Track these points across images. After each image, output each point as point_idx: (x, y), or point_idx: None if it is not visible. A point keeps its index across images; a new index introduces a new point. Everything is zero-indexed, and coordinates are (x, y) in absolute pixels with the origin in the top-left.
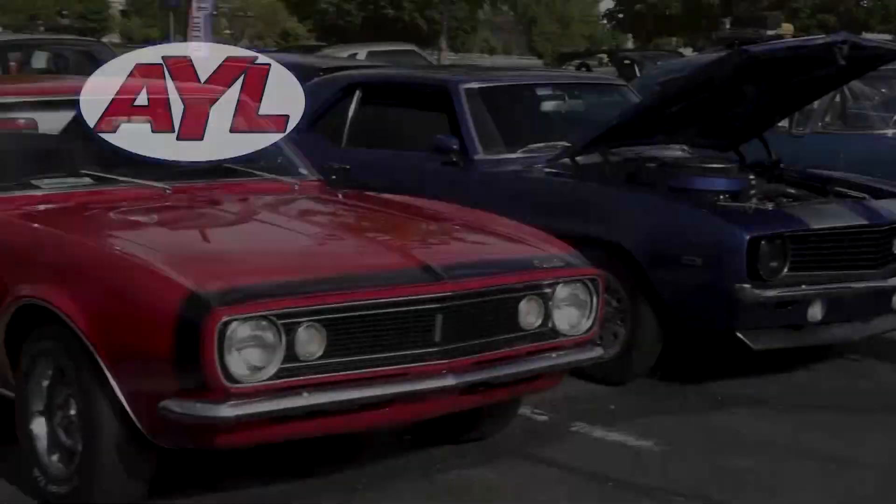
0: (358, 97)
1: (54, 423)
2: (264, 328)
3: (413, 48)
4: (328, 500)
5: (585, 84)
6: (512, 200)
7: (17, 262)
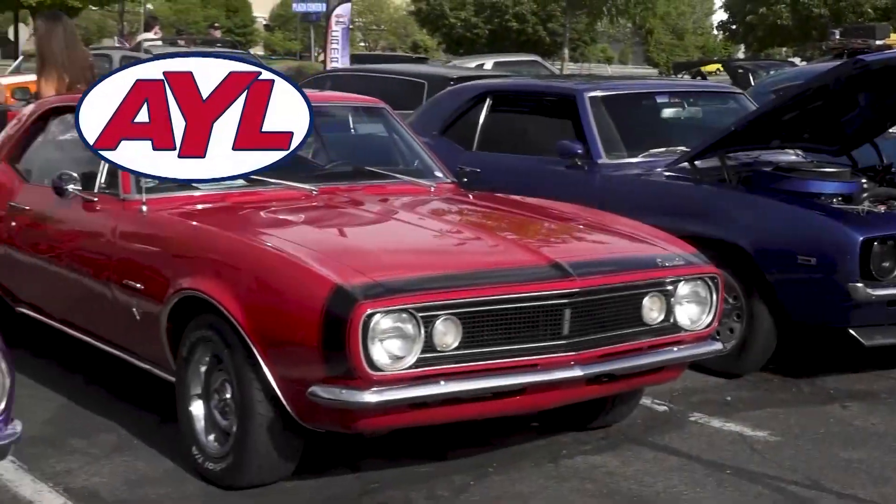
0: (488, 104)
1: (211, 406)
2: (405, 320)
3: (536, 59)
4: (461, 480)
5: (702, 92)
6: (633, 202)
7: (178, 257)
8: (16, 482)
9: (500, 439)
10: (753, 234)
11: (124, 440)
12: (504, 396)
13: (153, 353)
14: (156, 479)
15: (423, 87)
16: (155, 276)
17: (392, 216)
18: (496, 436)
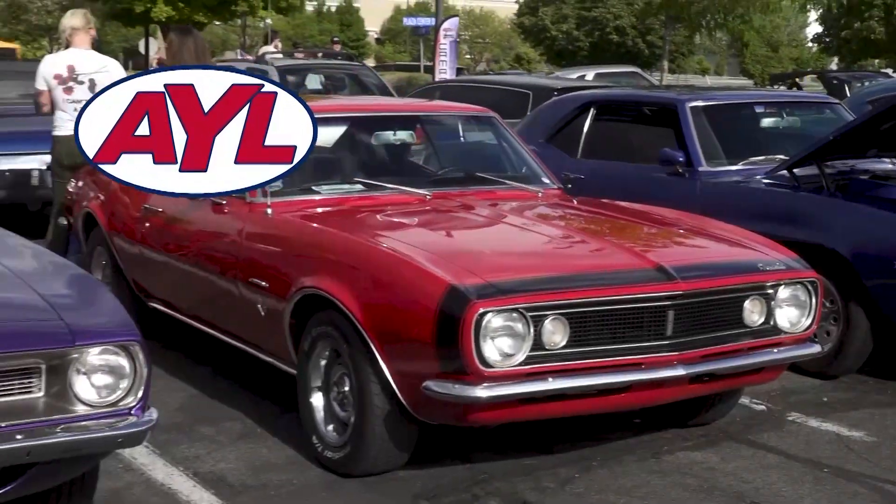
0: (593, 114)
1: (330, 398)
2: (515, 320)
3: (636, 70)
4: (566, 472)
5: (800, 102)
6: (733, 208)
7: (301, 256)
8: (149, 465)
9: (603, 434)
10: (851, 240)
11: (249, 428)
12: (609, 393)
13: (276, 347)
14: (278, 466)
15: (528, 97)
16: (279, 274)
17: (502, 220)
18: (600, 431)
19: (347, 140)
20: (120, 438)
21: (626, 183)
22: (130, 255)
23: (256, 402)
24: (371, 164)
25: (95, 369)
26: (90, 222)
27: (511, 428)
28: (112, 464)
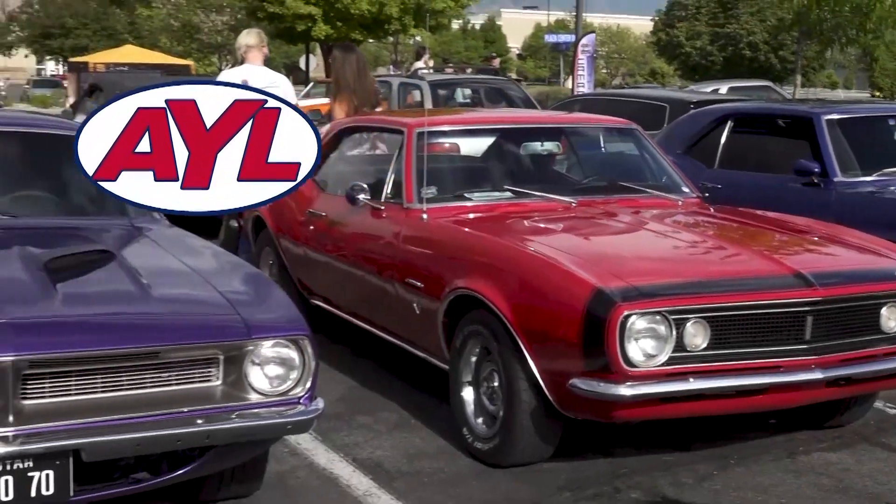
0: (730, 126)
1: (480, 392)
2: (658, 322)
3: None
4: (704, 469)
5: None
6: (867, 218)
7: (454, 259)
8: (312, 451)
9: (739, 434)
10: None
11: (404, 419)
12: (747, 395)
13: (430, 344)
14: (431, 455)
15: (665, 109)
16: (433, 276)
17: (644, 226)
18: (736, 430)
19: (497, 150)
20: (289, 425)
21: (762, 193)
22: (295, 256)
23: (411, 395)
24: (519, 173)
25: (268, 361)
26: (259, 225)
27: (650, 425)
28: (279, 448)
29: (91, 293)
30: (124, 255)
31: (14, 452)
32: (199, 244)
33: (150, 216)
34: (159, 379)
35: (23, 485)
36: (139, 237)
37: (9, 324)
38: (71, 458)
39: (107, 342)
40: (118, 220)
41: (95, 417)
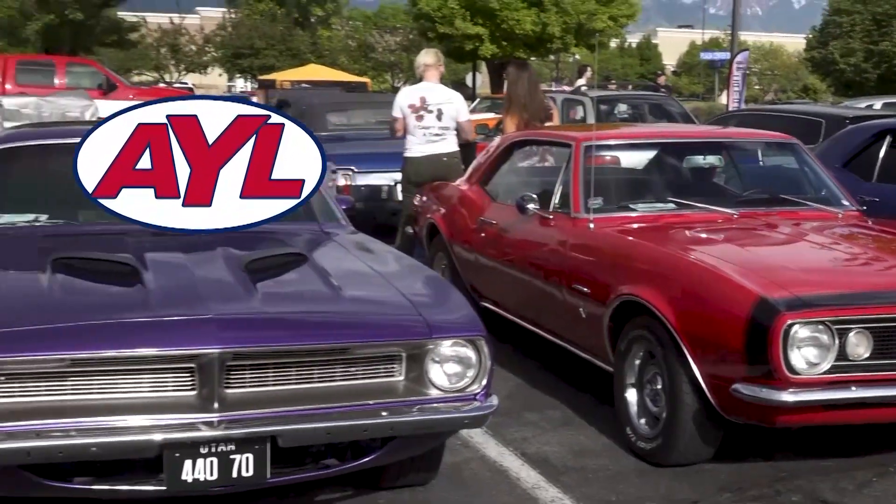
0: (888, 141)
1: (643, 394)
2: (821, 331)
3: None
4: (863, 476)
5: None
6: None
7: (620, 267)
8: (483, 444)
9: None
10: None
11: (568, 417)
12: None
13: (594, 347)
14: (595, 452)
15: (821, 125)
16: (599, 282)
17: (804, 238)
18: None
19: (659, 163)
20: (466, 420)
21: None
22: (467, 261)
23: (575, 394)
24: (681, 185)
25: (447, 359)
26: (433, 231)
27: (810, 430)
28: (452, 441)
29: (287, 293)
30: (315, 257)
31: (219, 437)
32: (382, 248)
33: (337, 221)
34: (347, 373)
35: (225, 466)
36: (327, 241)
37: (215, 319)
38: (269, 443)
39: (302, 338)
40: (308, 225)
41: (290, 407)
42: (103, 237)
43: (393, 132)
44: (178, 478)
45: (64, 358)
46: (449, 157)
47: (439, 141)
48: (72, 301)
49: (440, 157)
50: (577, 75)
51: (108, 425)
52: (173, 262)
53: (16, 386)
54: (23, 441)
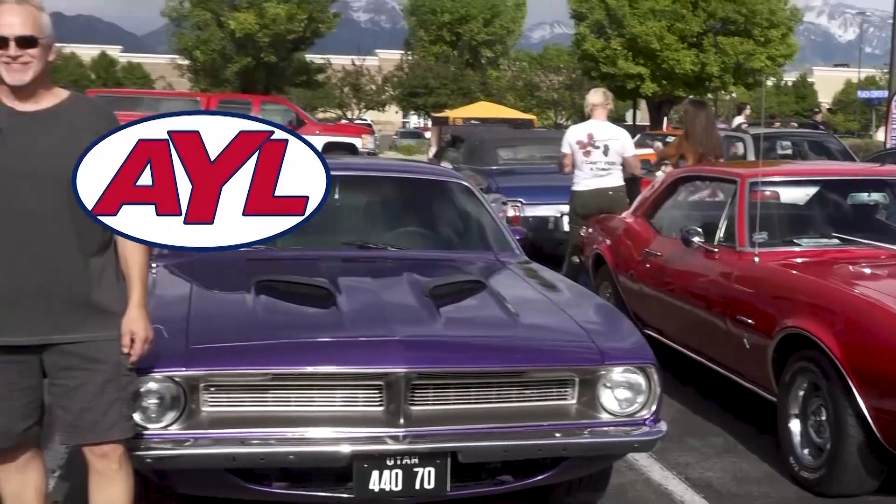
0: None
1: (807, 425)
2: None
3: None
4: None
5: None
6: None
7: (784, 299)
8: (647, 467)
9: None
10: None
11: (730, 444)
12: None
13: (758, 377)
14: (758, 479)
15: None
16: (764, 314)
17: None
18: None
19: (823, 199)
20: (636, 444)
21: None
22: (631, 290)
23: (734, 421)
24: (844, 221)
25: (618, 385)
26: (599, 261)
27: None
28: (617, 462)
29: (468, 318)
30: (492, 284)
31: (404, 450)
32: (554, 277)
33: (511, 251)
34: (522, 395)
35: (409, 478)
36: (503, 269)
37: (402, 341)
38: (449, 458)
39: (482, 361)
40: (484, 253)
41: (470, 425)
42: (299, 261)
43: (561, 167)
44: (366, 487)
45: (267, 372)
46: (615, 190)
47: (606, 175)
48: (274, 321)
49: (606, 190)
50: (736, 112)
51: (304, 436)
52: (363, 287)
53: (222, 396)
54: (229, 447)
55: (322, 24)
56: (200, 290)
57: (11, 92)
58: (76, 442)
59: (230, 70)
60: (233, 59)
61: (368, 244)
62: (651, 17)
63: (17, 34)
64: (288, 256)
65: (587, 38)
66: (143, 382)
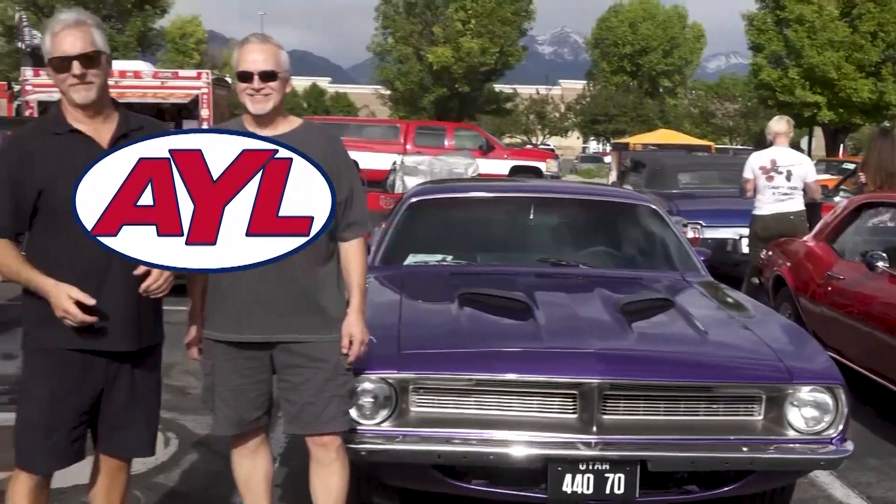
0: None
1: None
2: None
3: None
4: None
5: None
6: None
7: None
8: (829, 485)
9: None
10: None
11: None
12: None
13: None
14: None
15: None
16: None
17: None
18: None
19: None
20: (822, 462)
21: None
22: (812, 311)
23: None
24: None
25: (805, 403)
26: (779, 283)
27: None
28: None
29: (658, 333)
30: (680, 302)
31: (596, 456)
32: (739, 296)
33: (696, 271)
34: (710, 409)
35: (600, 483)
36: (689, 288)
37: (595, 353)
38: (639, 466)
39: (672, 375)
40: (670, 273)
41: (659, 436)
42: (498, 276)
43: (743, 192)
44: (559, 489)
45: (471, 378)
46: (796, 215)
47: (787, 200)
48: (478, 330)
49: (787, 215)
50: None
51: (502, 438)
52: (558, 301)
53: (429, 398)
54: (435, 445)
55: (511, 57)
56: (409, 300)
57: (254, 120)
58: (300, 432)
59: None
60: (430, 89)
61: (561, 261)
62: (829, 47)
63: (260, 69)
64: (487, 271)
65: (764, 68)
66: (359, 382)
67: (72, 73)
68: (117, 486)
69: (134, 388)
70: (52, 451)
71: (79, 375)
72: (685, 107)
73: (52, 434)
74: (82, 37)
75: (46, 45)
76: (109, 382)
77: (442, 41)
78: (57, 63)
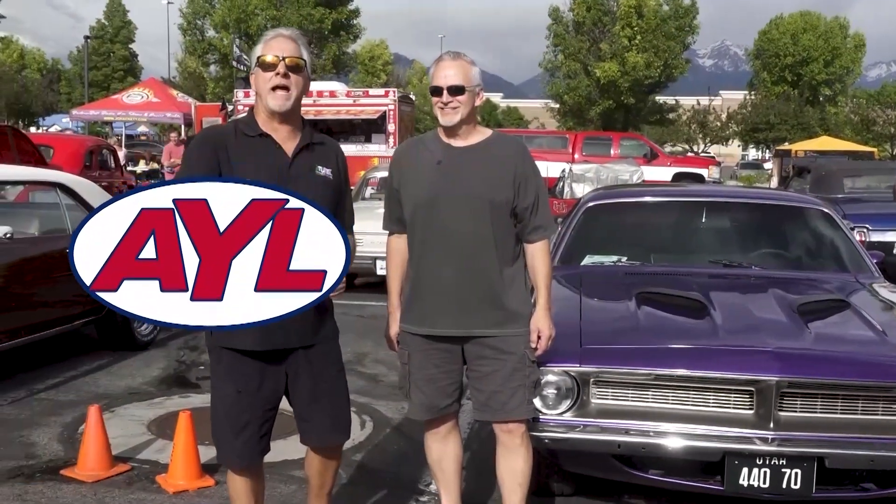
0: None
1: None
2: None
3: None
4: None
5: None
6: None
7: None
8: None
9: None
10: None
11: None
12: None
13: None
14: None
15: None
16: None
17: None
18: None
19: None
20: None
21: None
22: None
23: None
24: None
25: None
26: None
27: None
28: None
29: (836, 333)
30: (855, 303)
31: (773, 451)
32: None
33: (869, 273)
34: (889, 409)
35: (776, 478)
36: (862, 289)
37: (774, 352)
38: (816, 462)
39: (850, 374)
40: (843, 274)
41: (837, 433)
42: (672, 276)
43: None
44: (736, 482)
45: (650, 373)
46: None
47: None
48: (656, 328)
49: None
50: None
51: (680, 431)
52: (734, 301)
53: (609, 391)
54: (614, 435)
55: (675, 70)
56: (588, 298)
57: (445, 131)
58: (488, 419)
59: (594, 111)
60: (596, 101)
61: (733, 263)
62: None
63: (449, 84)
64: (661, 271)
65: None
66: (543, 374)
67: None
68: (331, 465)
69: (315, 382)
70: (244, 447)
71: (258, 373)
72: (846, 114)
73: (240, 432)
74: (293, 46)
75: (257, 51)
76: (292, 379)
77: (609, 56)
78: (264, 63)
